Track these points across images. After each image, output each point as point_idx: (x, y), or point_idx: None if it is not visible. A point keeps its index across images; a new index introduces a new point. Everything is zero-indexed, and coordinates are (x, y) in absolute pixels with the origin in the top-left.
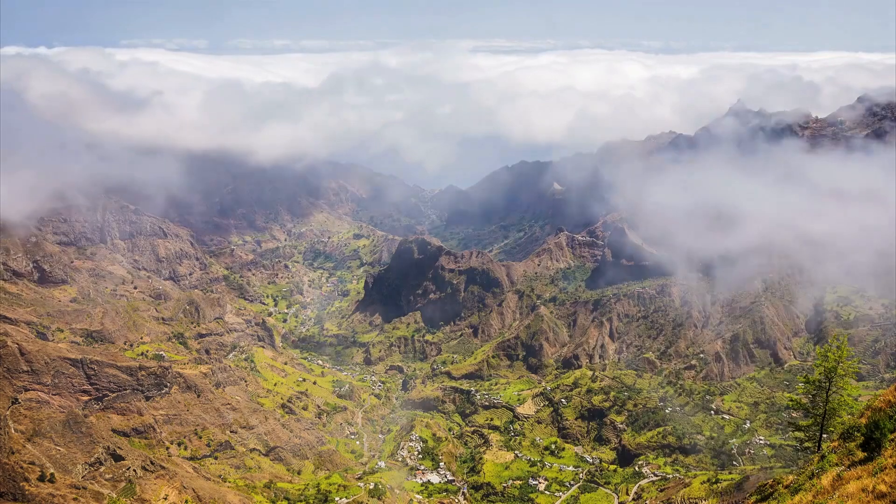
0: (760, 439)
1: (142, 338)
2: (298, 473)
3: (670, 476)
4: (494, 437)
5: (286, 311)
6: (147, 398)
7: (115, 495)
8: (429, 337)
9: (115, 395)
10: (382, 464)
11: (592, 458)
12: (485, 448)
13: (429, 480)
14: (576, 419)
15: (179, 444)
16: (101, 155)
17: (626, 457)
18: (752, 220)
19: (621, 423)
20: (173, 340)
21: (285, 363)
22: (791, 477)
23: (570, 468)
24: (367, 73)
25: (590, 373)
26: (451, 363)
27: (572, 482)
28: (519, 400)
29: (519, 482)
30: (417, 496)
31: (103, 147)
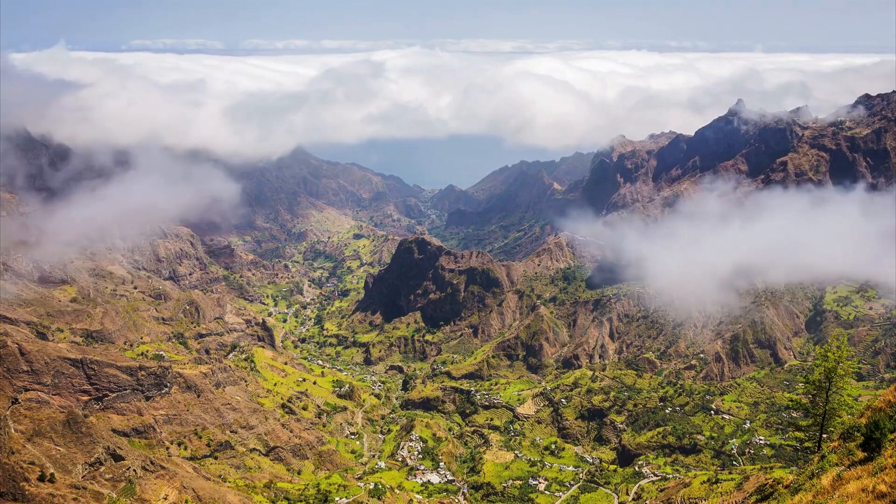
0: (760, 439)
1: (142, 338)
2: (298, 473)
3: (670, 476)
4: (494, 437)
5: (286, 311)
6: (147, 398)
7: (115, 495)
8: (429, 337)
9: (115, 395)
10: (382, 464)
11: (592, 458)
12: (485, 448)
13: (429, 480)
14: (576, 419)
15: (179, 444)
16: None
17: (626, 457)
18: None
19: (621, 423)
20: (173, 340)
21: (285, 363)
22: (791, 477)
23: (570, 468)
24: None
25: (590, 373)
26: (451, 363)
27: (572, 482)
28: (519, 400)
29: (519, 482)
30: (417, 496)
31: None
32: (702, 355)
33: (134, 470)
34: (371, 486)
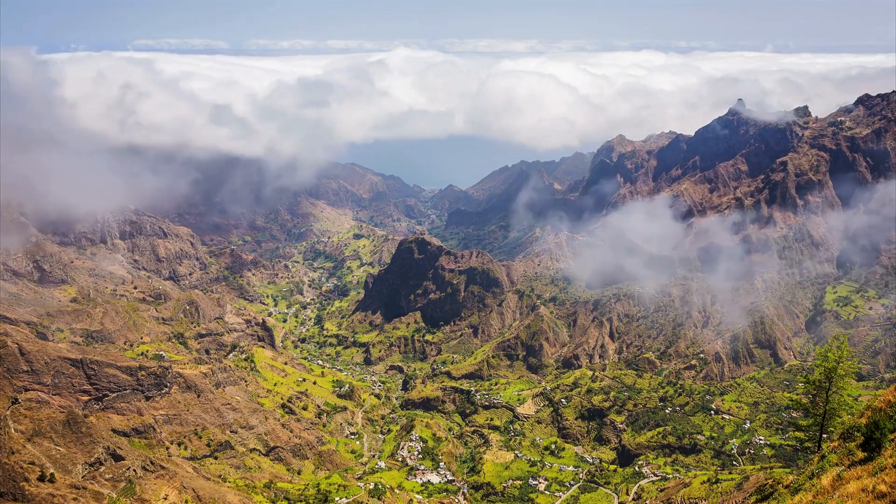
0: (760, 439)
1: (142, 338)
2: (298, 473)
3: (670, 476)
4: (494, 437)
5: (286, 311)
6: (147, 398)
7: (115, 495)
8: (429, 337)
9: (115, 395)
10: (382, 464)
11: (592, 458)
12: (485, 448)
13: (429, 480)
14: (576, 419)
15: (179, 444)
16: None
17: (626, 457)
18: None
19: (621, 423)
20: (173, 340)
21: (285, 363)
22: (791, 477)
23: (570, 468)
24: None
25: (590, 373)
26: (451, 363)
27: (572, 482)
28: (519, 400)
29: (519, 482)
30: (417, 496)
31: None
32: (702, 355)
33: (134, 470)
34: (371, 486)
